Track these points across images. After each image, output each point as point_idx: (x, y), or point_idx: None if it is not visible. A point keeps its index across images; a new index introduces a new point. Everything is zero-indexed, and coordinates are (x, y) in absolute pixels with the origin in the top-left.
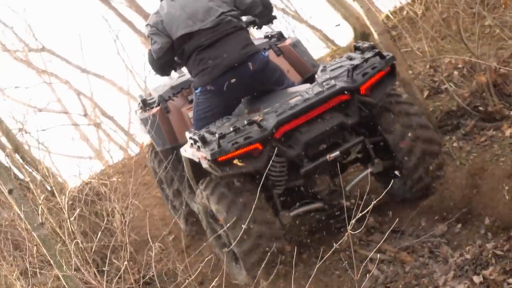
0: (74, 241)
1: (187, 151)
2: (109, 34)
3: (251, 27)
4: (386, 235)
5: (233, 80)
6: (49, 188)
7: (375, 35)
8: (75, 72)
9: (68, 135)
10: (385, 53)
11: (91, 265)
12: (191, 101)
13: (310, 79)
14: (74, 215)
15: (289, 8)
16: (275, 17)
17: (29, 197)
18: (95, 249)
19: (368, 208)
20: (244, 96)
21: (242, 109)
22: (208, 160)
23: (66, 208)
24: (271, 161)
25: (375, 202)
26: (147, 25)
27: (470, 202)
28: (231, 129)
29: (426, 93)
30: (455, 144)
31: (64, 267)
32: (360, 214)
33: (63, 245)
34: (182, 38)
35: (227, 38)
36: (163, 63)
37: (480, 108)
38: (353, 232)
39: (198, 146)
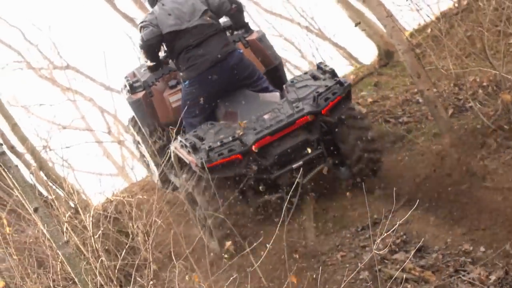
0: (100, 259)
1: (179, 150)
2: (133, 51)
3: (228, 31)
4: (411, 254)
5: (215, 75)
6: (73, 206)
7: (400, 53)
8: (99, 90)
9: (92, 152)
10: (343, 80)
11: (115, 283)
12: (171, 87)
13: (272, 70)
14: (98, 233)
15: (313, 26)
16: (247, 23)
17: (53, 214)
18: (119, 267)
19: (394, 227)
20: (224, 86)
21: (221, 109)
22: (198, 166)
23: (90, 226)
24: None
25: (400, 222)
26: (142, 21)
27: (496, 222)
28: (218, 143)
29: (450, 111)
30: (480, 163)
31: (90, 285)
32: (385, 234)
33: (87, 263)
34: (172, 34)
35: (210, 40)
36: (151, 46)
37: (505, 126)
38: (378, 252)
39: (189, 151)
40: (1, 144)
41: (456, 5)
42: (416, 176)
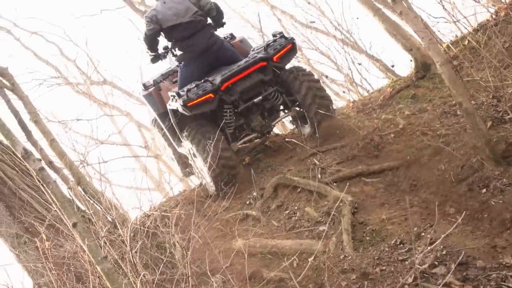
0: (140, 275)
1: (171, 104)
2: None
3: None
4: (452, 269)
5: (203, 59)
6: (111, 220)
7: (437, 66)
8: (135, 104)
9: (129, 167)
10: (287, 36)
11: None
12: (174, 82)
13: None
14: (136, 248)
15: (349, 39)
16: (225, 23)
17: (92, 229)
18: (157, 282)
19: (436, 243)
20: (210, 66)
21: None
22: (181, 105)
23: (128, 241)
24: (223, 109)
25: (443, 236)
26: (146, 16)
27: None
28: (194, 85)
29: (489, 124)
30: None
31: None
32: (428, 248)
33: (125, 278)
34: (170, 28)
35: (199, 33)
36: (151, 39)
37: None
38: (420, 267)
39: (176, 99)
40: (40, 160)
41: (494, 16)
42: (454, 189)
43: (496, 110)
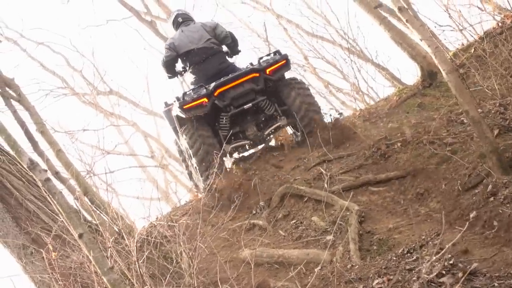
0: (144, 284)
1: (174, 110)
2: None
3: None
4: (462, 279)
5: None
6: (117, 231)
7: (444, 74)
8: (142, 114)
9: (135, 177)
10: (281, 52)
11: None
12: None
13: None
14: (143, 258)
15: (355, 48)
16: (240, 51)
17: (98, 239)
18: None
19: (443, 251)
20: None
21: None
22: (178, 107)
23: (135, 251)
24: (220, 116)
25: (449, 245)
26: (165, 44)
27: None
28: (190, 90)
29: (496, 132)
30: None
31: None
32: (435, 257)
33: None
34: (185, 54)
35: (211, 58)
36: (168, 65)
37: None
38: (427, 276)
39: (175, 102)
40: (46, 170)
41: (500, 24)
42: (462, 198)
43: (503, 118)
